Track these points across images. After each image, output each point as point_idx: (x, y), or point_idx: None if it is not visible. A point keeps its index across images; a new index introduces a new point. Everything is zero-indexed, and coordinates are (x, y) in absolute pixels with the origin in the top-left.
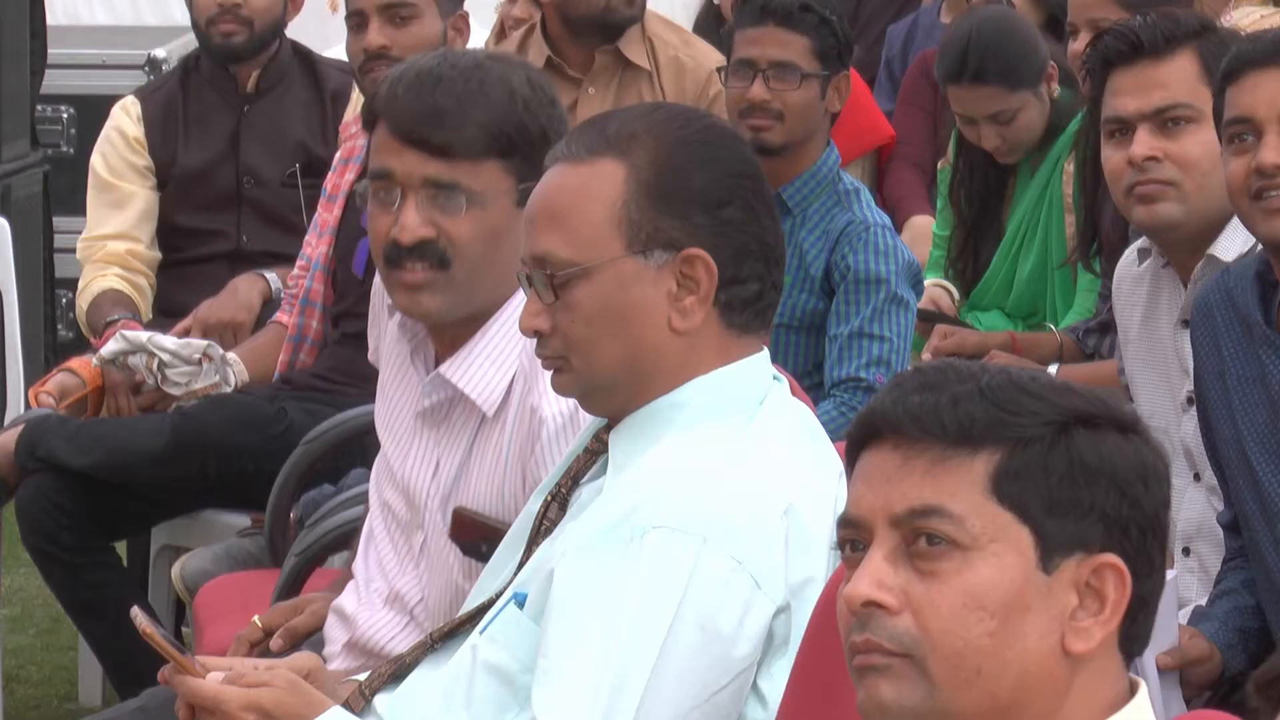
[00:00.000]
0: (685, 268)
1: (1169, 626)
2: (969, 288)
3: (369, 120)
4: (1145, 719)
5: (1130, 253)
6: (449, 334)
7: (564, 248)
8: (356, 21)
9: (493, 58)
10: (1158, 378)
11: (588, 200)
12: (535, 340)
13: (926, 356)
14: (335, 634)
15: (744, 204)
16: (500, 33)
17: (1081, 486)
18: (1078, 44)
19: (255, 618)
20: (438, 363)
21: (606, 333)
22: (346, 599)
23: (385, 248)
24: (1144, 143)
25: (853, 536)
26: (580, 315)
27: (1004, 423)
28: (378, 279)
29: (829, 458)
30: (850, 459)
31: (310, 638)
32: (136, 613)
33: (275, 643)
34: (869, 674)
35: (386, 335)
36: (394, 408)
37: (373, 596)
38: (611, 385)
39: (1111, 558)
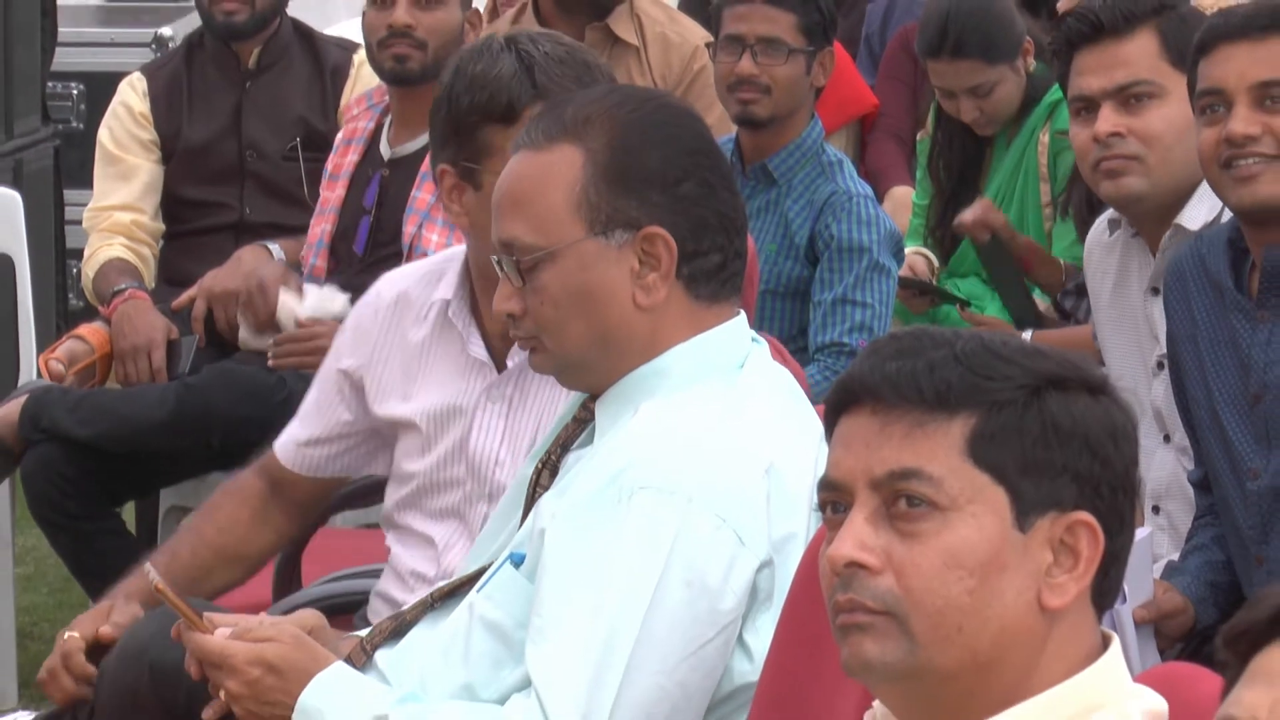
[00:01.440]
0: (646, 245)
1: (1144, 582)
2: (948, 255)
3: (510, 112)
4: (1118, 670)
5: (1101, 223)
6: None
7: (528, 233)
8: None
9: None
10: (1128, 343)
11: (548, 186)
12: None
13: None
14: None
15: (700, 179)
16: (493, 10)
17: (1054, 448)
18: None
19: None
20: (487, 342)
21: (574, 313)
22: (393, 588)
23: None
24: (1108, 119)
25: (834, 499)
26: (548, 297)
27: (979, 387)
28: (380, 302)
29: (810, 418)
30: (829, 424)
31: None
32: (150, 569)
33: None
34: (853, 632)
35: (414, 340)
36: (444, 397)
37: (421, 586)
38: (583, 362)
39: (1084, 515)
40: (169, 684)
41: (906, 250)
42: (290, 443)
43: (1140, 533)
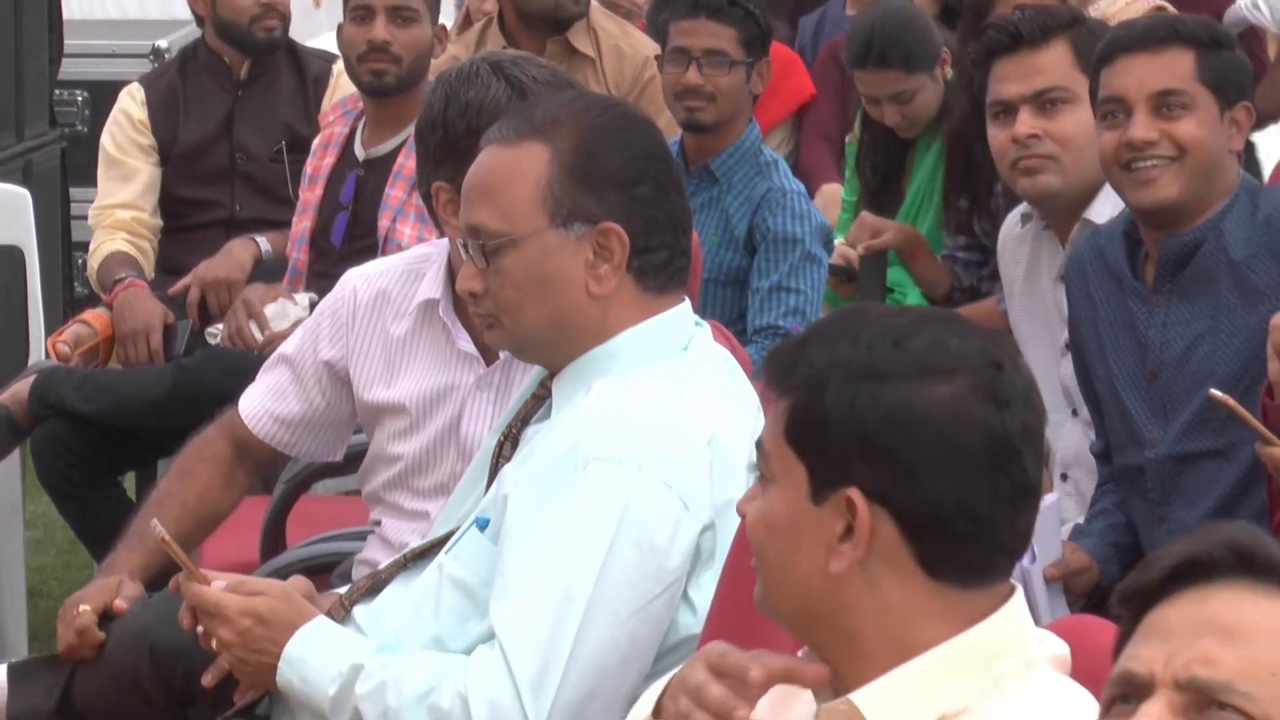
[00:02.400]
0: (601, 239)
1: (1053, 543)
2: None
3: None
4: (1021, 620)
5: (1014, 216)
6: None
7: (495, 220)
8: (362, 15)
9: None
10: (1039, 327)
11: (516, 178)
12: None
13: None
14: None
15: (654, 183)
16: (465, 21)
17: (843, 431)
18: None
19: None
20: (474, 338)
21: (531, 295)
22: (380, 556)
23: None
24: (1026, 122)
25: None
26: (509, 280)
27: (794, 373)
28: (357, 299)
29: (747, 394)
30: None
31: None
32: (155, 523)
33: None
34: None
35: (397, 334)
36: (435, 387)
37: None
38: (537, 341)
39: (854, 492)
40: (168, 664)
41: (836, 242)
42: (265, 415)
43: (1048, 498)
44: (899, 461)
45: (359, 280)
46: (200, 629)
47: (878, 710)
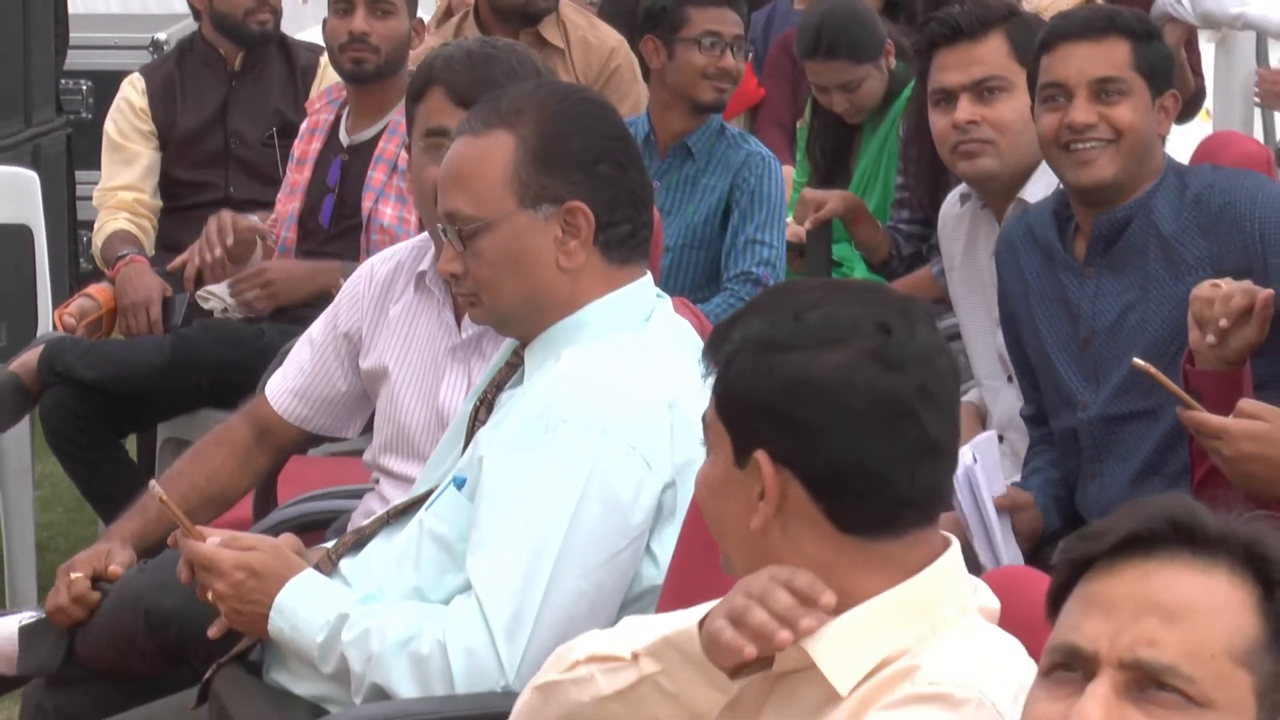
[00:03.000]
0: (568, 217)
1: (996, 477)
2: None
3: (420, 90)
4: (956, 569)
5: (953, 196)
6: None
7: (469, 206)
8: (344, 8)
9: (511, 44)
10: (977, 300)
11: (486, 166)
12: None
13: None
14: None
15: (614, 161)
16: (446, 14)
17: (750, 400)
18: None
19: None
20: (457, 313)
21: (506, 274)
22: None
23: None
24: (965, 109)
25: None
26: (485, 260)
27: (720, 349)
28: (374, 275)
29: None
30: None
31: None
32: (154, 484)
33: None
34: None
35: (396, 307)
36: (418, 352)
37: None
38: (514, 316)
39: (761, 455)
40: (162, 625)
41: (789, 220)
42: (285, 393)
43: (984, 435)
44: (797, 426)
45: (378, 260)
46: (197, 583)
47: (827, 655)
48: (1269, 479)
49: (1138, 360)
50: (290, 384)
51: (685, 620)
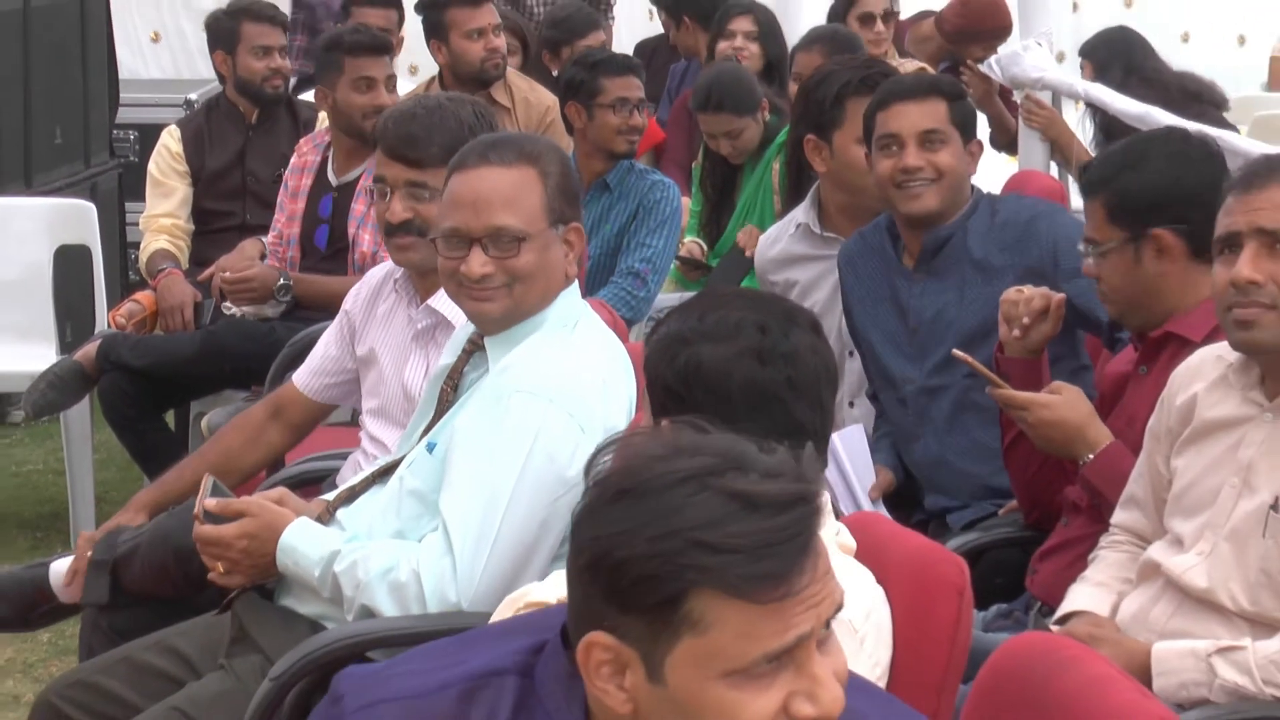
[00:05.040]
0: (571, 235)
1: (868, 468)
2: (713, 243)
3: (374, 143)
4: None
5: (855, 235)
6: (427, 281)
7: (518, 221)
8: (366, 83)
9: (451, 98)
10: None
11: (527, 192)
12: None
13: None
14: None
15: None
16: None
17: (658, 382)
18: None
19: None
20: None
21: (540, 276)
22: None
23: (385, 225)
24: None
25: None
26: (524, 264)
27: (649, 337)
28: (366, 286)
29: (623, 352)
30: None
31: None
32: (207, 476)
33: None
34: None
35: (383, 305)
36: (393, 340)
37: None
38: (529, 309)
39: (665, 424)
40: (187, 559)
41: (686, 240)
42: (305, 373)
43: (853, 429)
44: (688, 405)
45: (375, 270)
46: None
47: None
48: (1061, 441)
49: (957, 351)
50: (311, 366)
51: None
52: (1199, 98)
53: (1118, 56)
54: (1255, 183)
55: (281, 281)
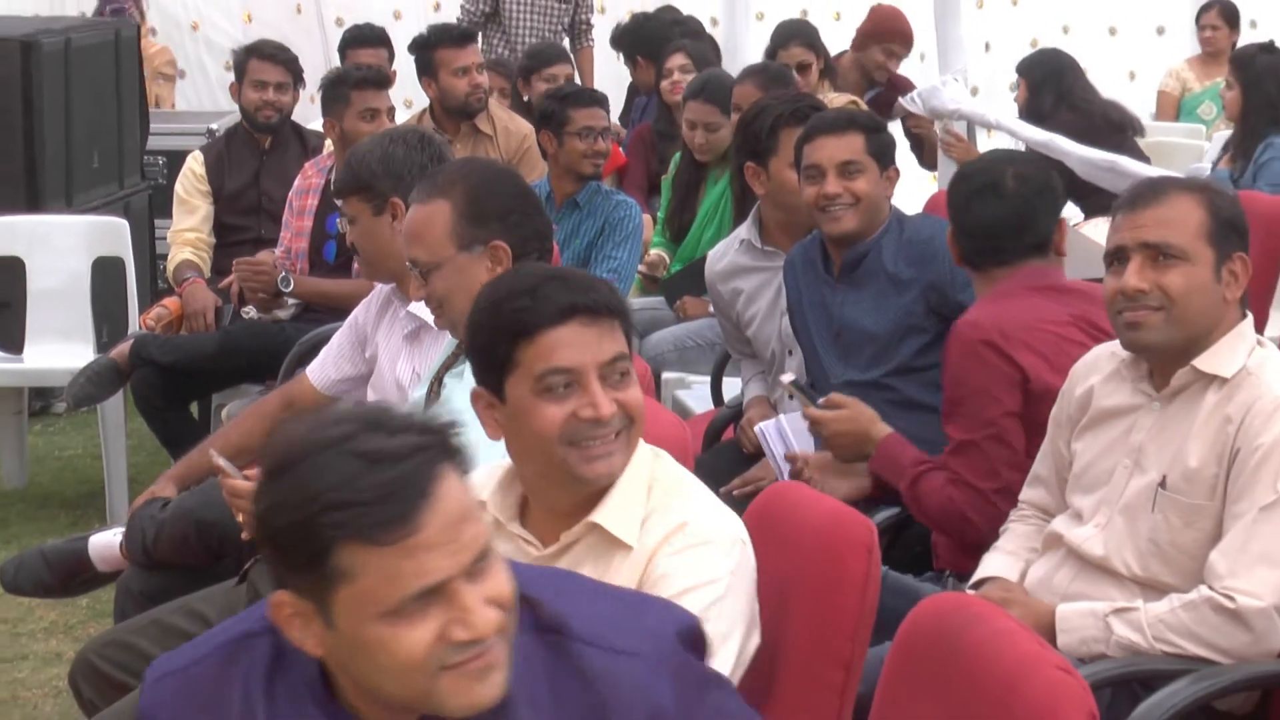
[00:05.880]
0: (493, 253)
1: (810, 448)
2: (677, 237)
3: None
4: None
5: (797, 247)
6: (405, 290)
7: (423, 254)
8: (370, 114)
9: (394, 135)
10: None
11: (431, 225)
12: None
13: None
14: None
15: (521, 211)
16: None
17: None
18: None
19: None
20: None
21: (457, 295)
22: None
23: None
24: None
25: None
26: (440, 288)
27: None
28: (376, 296)
29: None
30: None
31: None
32: (212, 451)
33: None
34: None
35: (385, 314)
36: (391, 341)
37: None
38: (461, 322)
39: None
40: (208, 531)
41: (652, 251)
42: (318, 369)
43: (797, 414)
44: None
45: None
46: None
47: (610, 521)
48: (853, 445)
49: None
50: (324, 360)
51: None
52: (1121, 128)
53: (1050, 79)
54: (1139, 203)
55: (283, 274)
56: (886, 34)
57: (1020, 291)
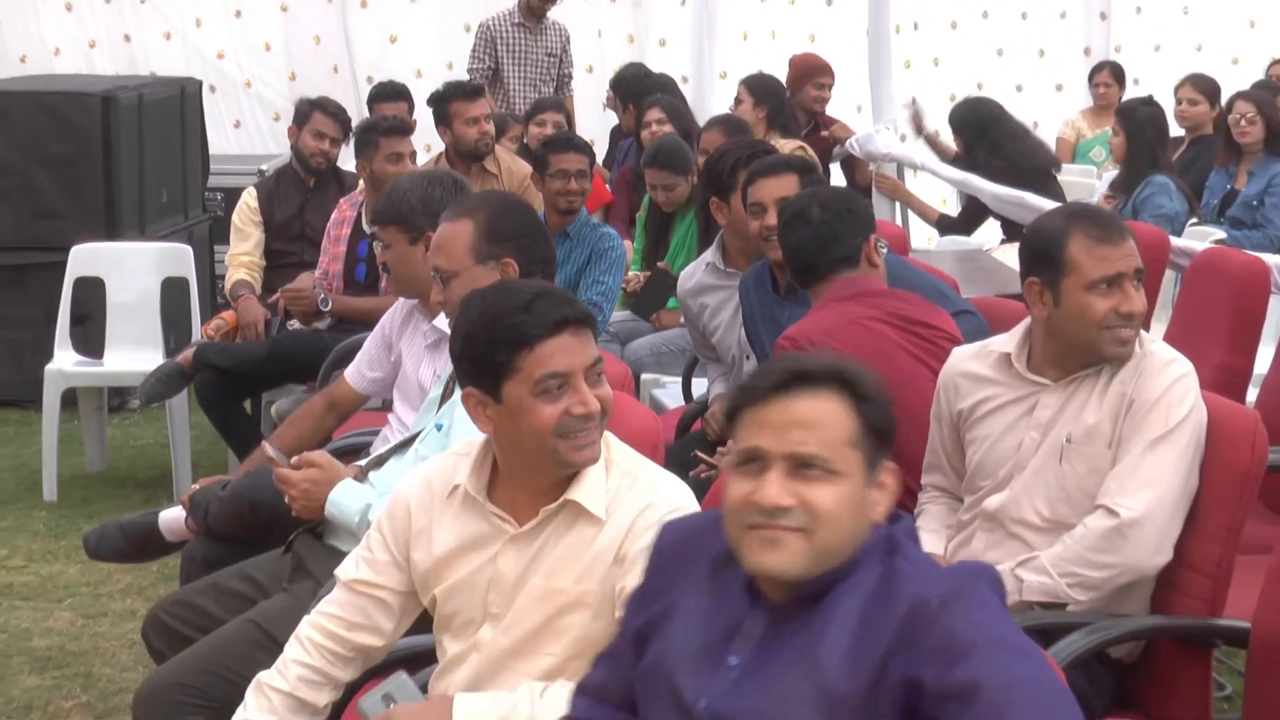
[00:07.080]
0: (504, 268)
1: None
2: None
3: None
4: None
5: (751, 268)
6: (429, 305)
7: (446, 263)
8: (397, 156)
9: (430, 176)
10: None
11: (456, 239)
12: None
13: None
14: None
15: (530, 236)
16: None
17: None
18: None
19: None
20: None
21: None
22: (393, 438)
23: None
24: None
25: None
26: (454, 292)
27: None
28: (401, 307)
29: None
30: None
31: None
32: (265, 444)
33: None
34: None
35: (409, 324)
36: (414, 349)
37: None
38: None
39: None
40: (261, 510)
41: (630, 273)
42: (354, 372)
43: None
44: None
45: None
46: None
47: (584, 498)
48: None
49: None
50: (358, 367)
51: None
52: (1045, 171)
53: (981, 136)
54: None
55: (322, 295)
56: (810, 71)
57: (831, 301)
